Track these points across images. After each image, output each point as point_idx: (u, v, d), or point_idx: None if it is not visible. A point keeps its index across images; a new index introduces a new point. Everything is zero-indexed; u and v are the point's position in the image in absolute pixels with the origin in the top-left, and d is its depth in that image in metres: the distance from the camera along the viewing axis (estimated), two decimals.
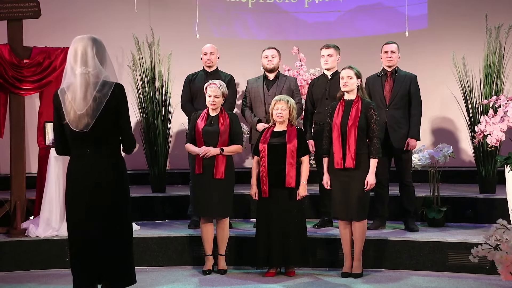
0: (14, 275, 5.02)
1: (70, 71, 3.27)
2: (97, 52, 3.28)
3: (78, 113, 3.21)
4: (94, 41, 3.30)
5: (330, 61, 5.53)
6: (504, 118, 4.57)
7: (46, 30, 6.82)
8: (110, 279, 3.33)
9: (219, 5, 8.02)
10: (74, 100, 3.23)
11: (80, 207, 3.29)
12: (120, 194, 3.34)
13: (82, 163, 3.29)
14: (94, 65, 3.24)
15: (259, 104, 5.65)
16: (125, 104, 3.33)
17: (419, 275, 4.79)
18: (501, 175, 5.29)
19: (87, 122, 3.22)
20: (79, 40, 3.29)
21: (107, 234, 3.28)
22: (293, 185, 4.74)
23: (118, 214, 3.32)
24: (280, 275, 4.84)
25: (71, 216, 3.35)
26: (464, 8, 7.39)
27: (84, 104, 3.21)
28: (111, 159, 3.32)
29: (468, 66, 6.05)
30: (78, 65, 3.24)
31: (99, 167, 3.28)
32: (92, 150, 3.28)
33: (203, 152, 4.80)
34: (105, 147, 3.30)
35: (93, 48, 3.27)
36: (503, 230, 3.18)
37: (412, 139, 5.35)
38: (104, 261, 3.29)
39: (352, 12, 8.11)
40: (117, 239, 3.32)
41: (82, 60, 3.24)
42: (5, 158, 5.85)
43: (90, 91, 3.21)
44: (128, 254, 3.39)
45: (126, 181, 3.39)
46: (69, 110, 3.24)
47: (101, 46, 3.32)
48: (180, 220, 6.04)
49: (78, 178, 3.30)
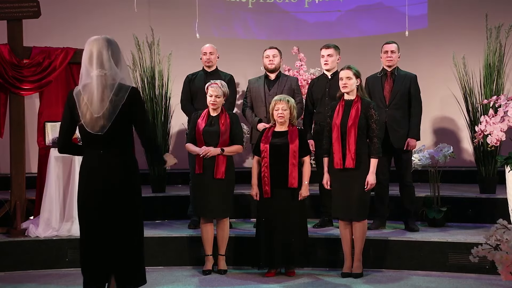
0: (14, 275, 5.01)
1: (86, 73, 3.25)
2: (112, 54, 3.26)
3: (94, 116, 3.20)
4: (109, 42, 3.28)
5: (330, 61, 5.52)
6: (504, 118, 4.57)
7: (46, 30, 6.81)
8: (122, 279, 3.33)
9: (219, 5, 8.02)
10: (91, 103, 3.21)
11: (92, 207, 3.29)
12: (132, 194, 3.34)
13: (95, 163, 3.29)
14: (110, 66, 3.22)
15: (260, 104, 5.65)
16: (141, 106, 3.32)
17: (419, 275, 4.79)
18: (501, 175, 5.29)
19: (103, 125, 3.21)
20: (94, 42, 3.27)
21: (119, 234, 3.28)
22: (295, 186, 4.74)
23: (130, 214, 3.32)
24: (280, 275, 4.84)
25: (83, 215, 3.35)
26: (464, 8, 7.39)
27: (101, 107, 3.20)
28: (123, 159, 3.32)
29: (468, 66, 6.04)
30: (94, 67, 3.22)
31: (111, 167, 3.28)
32: (105, 151, 3.28)
33: (204, 152, 4.79)
34: (118, 148, 3.30)
35: (108, 49, 3.25)
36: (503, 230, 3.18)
37: (412, 139, 5.35)
38: (116, 261, 3.29)
39: (352, 12, 8.11)
40: (129, 239, 3.32)
41: (97, 61, 3.22)
42: (5, 158, 5.85)
43: (107, 94, 3.20)
44: (139, 254, 3.39)
45: (138, 182, 3.39)
46: (85, 112, 3.22)
47: (116, 47, 3.31)
48: (180, 220, 6.04)
49: (91, 178, 3.30)
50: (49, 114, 5.61)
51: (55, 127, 5.47)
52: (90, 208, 3.30)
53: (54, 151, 5.32)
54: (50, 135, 5.50)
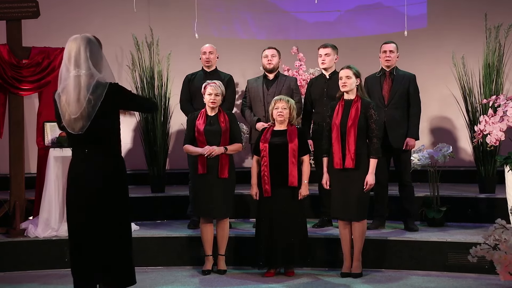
0: (13, 275, 5.01)
1: (66, 72, 3.25)
2: (91, 53, 3.24)
3: (72, 117, 3.21)
4: (88, 41, 3.26)
5: (327, 61, 5.52)
6: (504, 117, 4.57)
7: (45, 30, 6.81)
8: (110, 279, 3.32)
9: (219, 5, 8.02)
10: (68, 104, 3.22)
11: (79, 207, 3.28)
12: (119, 194, 3.33)
13: (80, 163, 3.30)
14: (87, 66, 3.21)
15: (258, 103, 5.65)
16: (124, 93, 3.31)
17: (419, 275, 4.78)
18: (500, 175, 5.28)
19: (82, 125, 3.21)
20: (73, 41, 3.26)
21: (106, 234, 3.27)
22: (295, 184, 4.74)
23: (116, 214, 3.31)
24: (280, 275, 4.84)
25: (70, 216, 3.35)
26: (464, 7, 7.38)
27: (78, 108, 3.20)
28: (109, 159, 3.32)
29: (467, 66, 6.04)
30: (71, 67, 3.23)
31: (97, 166, 3.28)
32: (90, 150, 3.28)
33: (208, 152, 4.76)
34: (103, 147, 3.30)
35: (86, 49, 3.23)
36: (502, 230, 3.18)
37: (410, 139, 5.35)
38: (104, 262, 3.29)
39: (352, 12, 8.11)
40: (116, 239, 3.31)
41: (75, 61, 3.22)
42: (4, 158, 5.84)
43: (83, 94, 3.19)
44: (127, 254, 3.38)
45: (124, 181, 3.39)
46: (64, 113, 3.24)
47: (95, 46, 3.28)
48: (180, 220, 6.04)
49: (77, 177, 3.30)
50: (49, 114, 5.59)
51: (54, 127, 5.46)
52: (75, 209, 3.30)
53: (54, 151, 5.32)
54: (49, 135, 5.49)
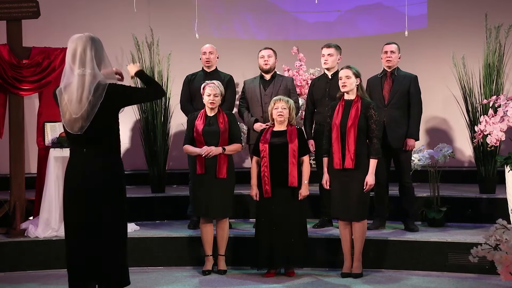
0: (13, 276, 5.01)
1: (69, 70, 3.25)
2: (96, 52, 3.25)
3: (73, 117, 3.20)
4: (93, 41, 3.27)
5: (330, 61, 5.52)
6: (504, 118, 4.57)
7: (45, 30, 6.80)
8: (105, 280, 3.32)
9: (219, 5, 8.01)
10: (70, 103, 3.21)
11: (75, 207, 3.28)
12: (115, 194, 3.32)
13: (78, 162, 3.29)
14: (92, 66, 3.22)
15: (256, 104, 5.65)
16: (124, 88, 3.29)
17: (419, 275, 4.78)
18: (501, 175, 5.28)
19: (81, 125, 3.21)
20: (78, 39, 3.26)
21: (101, 234, 3.26)
22: (295, 185, 4.74)
23: (112, 214, 3.30)
24: (280, 276, 4.83)
25: (66, 215, 3.35)
26: (464, 7, 7.38)
27: (79, 108, 3.20)
28: (107, 159, 3.31)
29: (468, 66, 6.04)
30: (76, 66, 3.23)
31: (94, 166, 3.27)
32: (88, 149, 3.27)
33: (206, 152, 4.77)
34: (101, 147, 3.29)
35: (91, 48, 3.24)
36: (503, 230, 3.18)
37: (410, 139, 5.34)
38: (99, 262, 3.28)
39: (352, 12, 8.11)
40: (112, 240, 3.30)
41: (80, 60, 3.22)
42: (4, 159, 5.84)
43: (86, 94, 3.19)
44: (123, 255, 3.37)
45: (122, 181, 3.37)
46: (65, 111, 3.23)
47: (99, 45, 3.29)
48: (180, 220, 6.03)
49: (74, 176, 3.29)
50: (49, 114, 5.60)
51: (54, 127, 5.47)
52: (73, 207, 3.29)
53: (54, 151, 5.32)
54: (49, 135, 5.49)
